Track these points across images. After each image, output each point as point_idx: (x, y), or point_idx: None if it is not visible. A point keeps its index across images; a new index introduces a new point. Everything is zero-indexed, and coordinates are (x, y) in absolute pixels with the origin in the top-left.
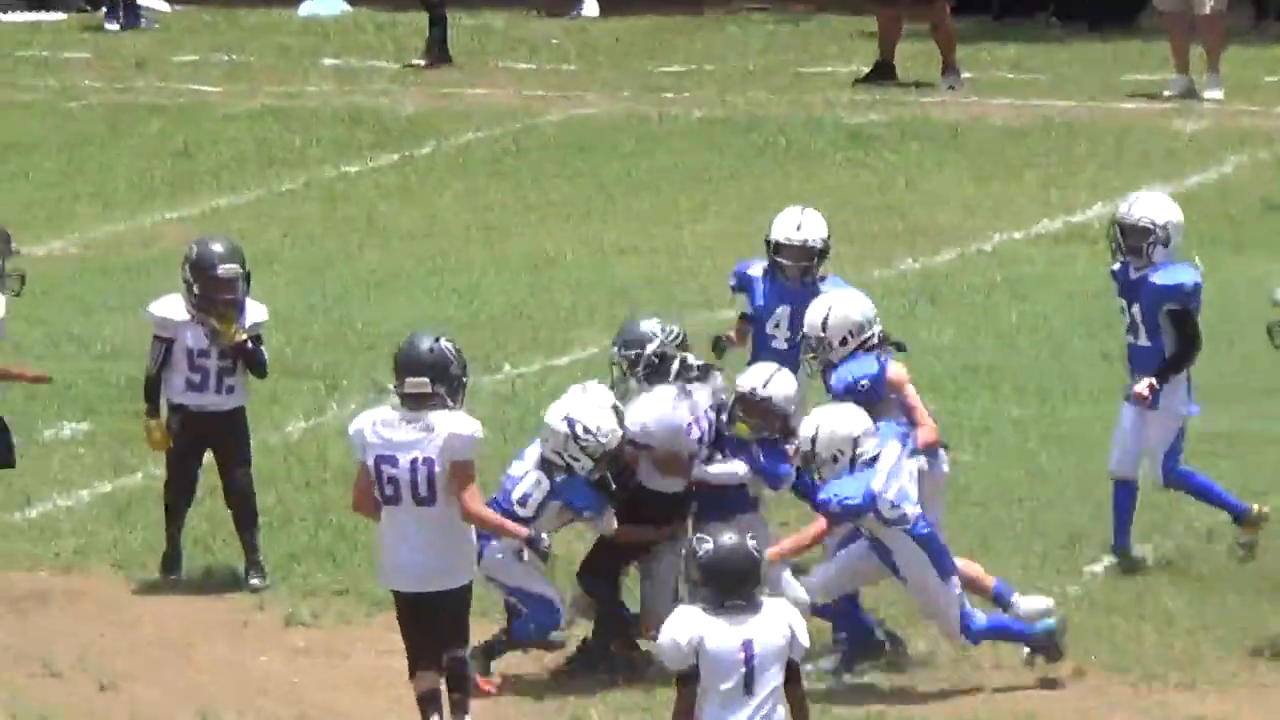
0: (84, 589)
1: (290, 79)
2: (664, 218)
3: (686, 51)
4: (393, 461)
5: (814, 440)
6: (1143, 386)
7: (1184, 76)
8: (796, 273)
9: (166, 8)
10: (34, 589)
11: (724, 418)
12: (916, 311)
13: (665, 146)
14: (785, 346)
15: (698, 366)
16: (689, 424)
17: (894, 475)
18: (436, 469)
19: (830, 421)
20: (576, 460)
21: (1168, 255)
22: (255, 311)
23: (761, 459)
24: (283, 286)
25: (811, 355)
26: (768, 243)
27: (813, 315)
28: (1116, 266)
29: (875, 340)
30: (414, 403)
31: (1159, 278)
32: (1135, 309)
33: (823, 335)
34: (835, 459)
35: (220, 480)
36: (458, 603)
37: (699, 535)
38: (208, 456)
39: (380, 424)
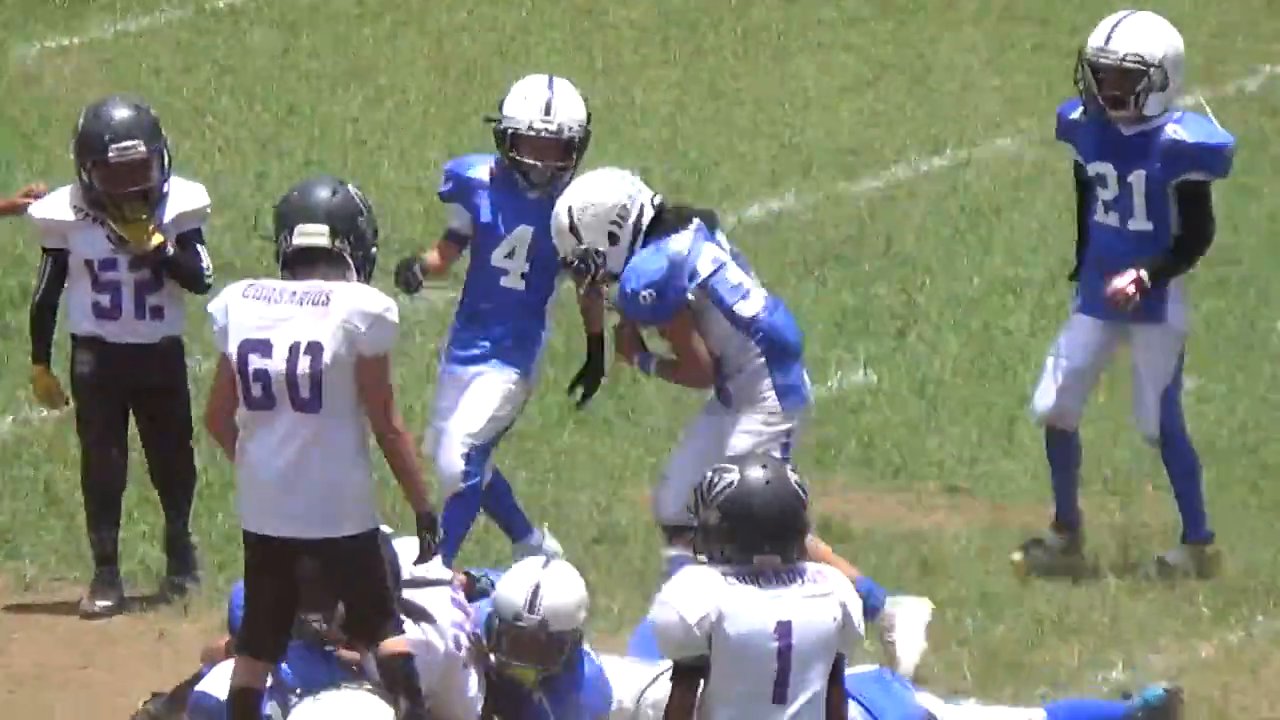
0: None
1: None
2: (776, 82)
3: None
4: (264, 348)
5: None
6: (1126, 280)
7: None
8: (545, 178)
9: None
10: None
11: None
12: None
13: None
14: (522, 286)
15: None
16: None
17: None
18: (326, 360)
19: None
20: None
21: (1165, 103)
22: (184, 197)
23: (551, 705)
24: (218, 152)
25: (589, 279)
26: (501, 134)
27: (555, 223)
28: (1078, 116)
29: (657, 216)
30: (304, 264)
31: (1183, 132)
32: (1134, 177)
33: (582, 246)
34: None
35: (142, 442)
36: (361, 561)
37: (719, 466)
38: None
39: (252, 295)
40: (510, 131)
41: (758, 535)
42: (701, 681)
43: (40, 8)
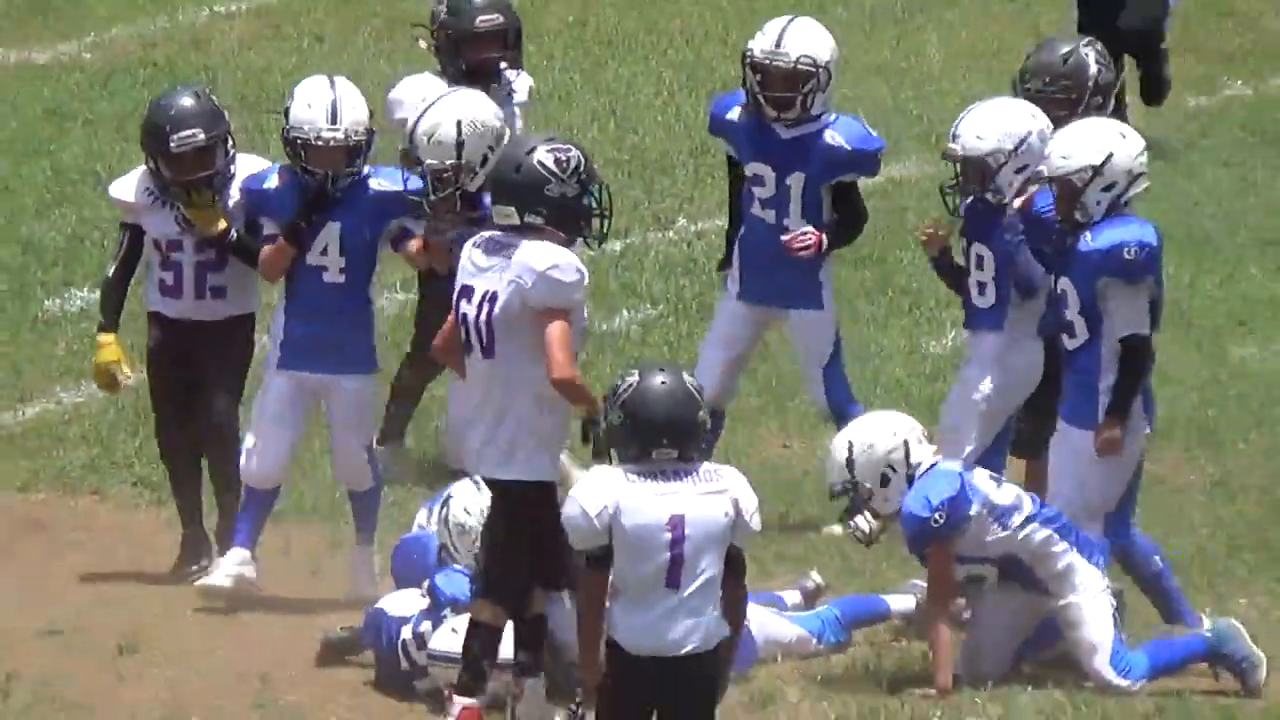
0: (96, 518)
1: None
2: None
3: None
4: (469, 294)
5: (851, 466)
6: (803, 242)
7: None
8: (335, 182)
9: None
10: (30, 516)
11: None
12: (1254, 159)
13: None
14: (342, 280)
15: None
16: None
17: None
18: (496, 310)
19: (862, 436)
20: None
21: (826, 104)
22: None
23: None
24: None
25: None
26: (289, 142)
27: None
28: (735, 115)
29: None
30: (508, 230)
31: (840, 137)
32: (792, 179)
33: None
34: (885, 480)
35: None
36: (530, 510)
37: (625, 372)
38: None
39: (475, 244)
40: (299, 140)
41: (654, 432)
42: (608, 571)
43: None
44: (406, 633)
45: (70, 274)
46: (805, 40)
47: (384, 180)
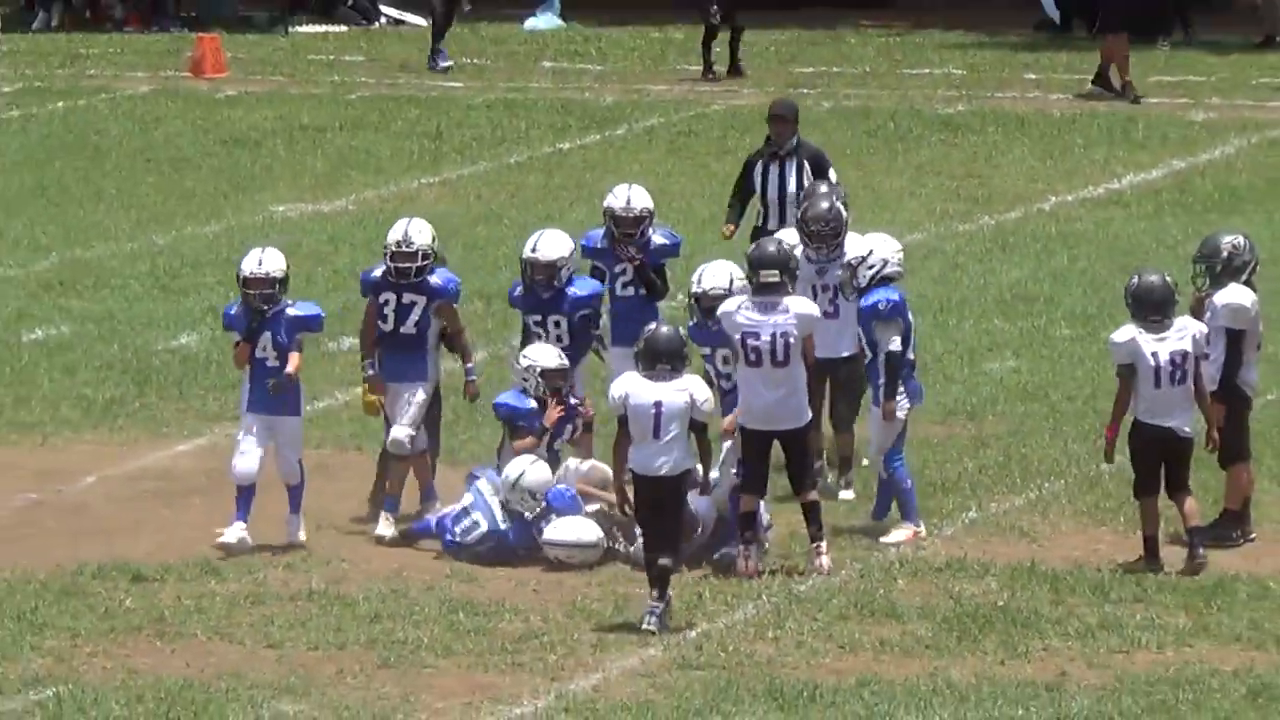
0: (359, 465)
1: (517, 77)
2: None
3: (819, 58)
4: (755, 335)
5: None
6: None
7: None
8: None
9: (423, 22)
10: (320, 463)
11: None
12: (991, 256)
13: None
14: (277, 363)
15: None
16: None
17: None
18: (790, 340)
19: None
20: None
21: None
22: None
23: None
24: (510, 237)
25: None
26: (240, 280)
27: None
28: (600, 244)
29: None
30: (767, 290)
31: (659, 238)
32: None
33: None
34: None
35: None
36: (804, 441)
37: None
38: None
39: (746, 305)
40: (244, 278)
41: (658, 356)
42: (626, 429)
43: (414, 164)
44: (534, 527)
45: (342, 327)
46: (643, 198)
47: (298, 308)
